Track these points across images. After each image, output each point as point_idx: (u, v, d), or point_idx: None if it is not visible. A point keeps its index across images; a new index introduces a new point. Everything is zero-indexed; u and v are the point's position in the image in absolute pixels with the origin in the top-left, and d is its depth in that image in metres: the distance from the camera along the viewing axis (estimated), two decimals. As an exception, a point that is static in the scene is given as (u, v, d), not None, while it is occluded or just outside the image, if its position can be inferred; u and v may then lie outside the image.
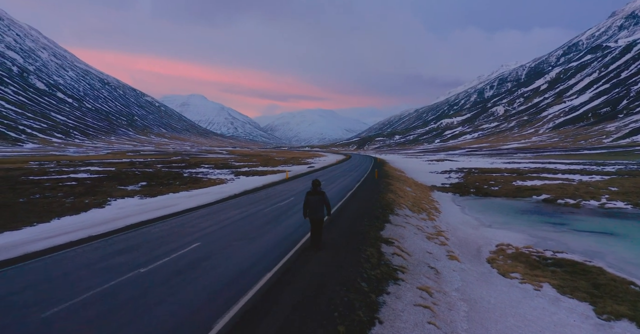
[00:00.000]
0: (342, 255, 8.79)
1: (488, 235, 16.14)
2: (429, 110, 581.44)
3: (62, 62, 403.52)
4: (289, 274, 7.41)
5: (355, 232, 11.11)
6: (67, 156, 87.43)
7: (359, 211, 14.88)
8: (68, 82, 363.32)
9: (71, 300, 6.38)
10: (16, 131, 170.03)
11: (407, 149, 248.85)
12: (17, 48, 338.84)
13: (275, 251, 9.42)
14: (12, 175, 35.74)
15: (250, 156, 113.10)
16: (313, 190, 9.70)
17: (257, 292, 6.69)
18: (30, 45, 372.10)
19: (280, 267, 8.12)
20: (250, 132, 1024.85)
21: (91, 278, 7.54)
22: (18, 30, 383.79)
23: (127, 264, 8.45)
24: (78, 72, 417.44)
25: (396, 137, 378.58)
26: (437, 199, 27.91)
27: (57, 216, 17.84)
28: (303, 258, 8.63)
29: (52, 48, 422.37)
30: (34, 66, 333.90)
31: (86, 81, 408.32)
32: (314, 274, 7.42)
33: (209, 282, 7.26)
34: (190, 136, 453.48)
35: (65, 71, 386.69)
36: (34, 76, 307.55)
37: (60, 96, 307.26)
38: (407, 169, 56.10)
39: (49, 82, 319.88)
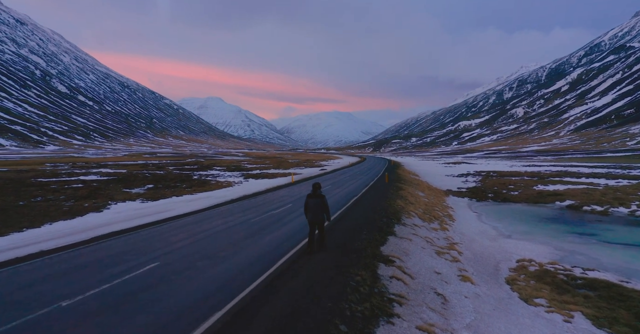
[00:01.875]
0: (324, 282, 7.17)
1: (508, 248, 14.46)
2: (447, 112, 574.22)
3: (83, 66, 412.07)
4: (245, 316, 5.69)
5: (349, 250, 9.50)
6: (84, 157, 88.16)
7: (360, 221, 13.39)
8: (89, 85, 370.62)
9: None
10: (38, 133, 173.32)
11: (423, 152, 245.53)
12: (40, 52, 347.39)
13: (242, 277, 7.76)
14: (23, 177, 35.45)
15: (265, 158, 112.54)
16: (313, 193, 9.72)
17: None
18: (52, 49, 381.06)
19: (239, 302, 6.44)
20: (266, 135, 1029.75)
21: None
22: (41, 35, 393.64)
23: (51, 294, 6.92)
24: (99, 75, 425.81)
25: (413, 139, 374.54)
26: (452, 205, 26.17)
27: (50, 221, 17.20)
28: (272, 288, 6.93)
29: (73, 52, 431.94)
30: (56, 70, 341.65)
31: (106, 84, 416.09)
32: (279, 313, 5.75)
33: (142, 323, 5.73)
34: (207, 138, 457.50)
35: (86, 74, 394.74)
36: (56, 79, 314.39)
37: (81, 99, 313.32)
38: (422, 172, 54.25)
39: (71, 86, 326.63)
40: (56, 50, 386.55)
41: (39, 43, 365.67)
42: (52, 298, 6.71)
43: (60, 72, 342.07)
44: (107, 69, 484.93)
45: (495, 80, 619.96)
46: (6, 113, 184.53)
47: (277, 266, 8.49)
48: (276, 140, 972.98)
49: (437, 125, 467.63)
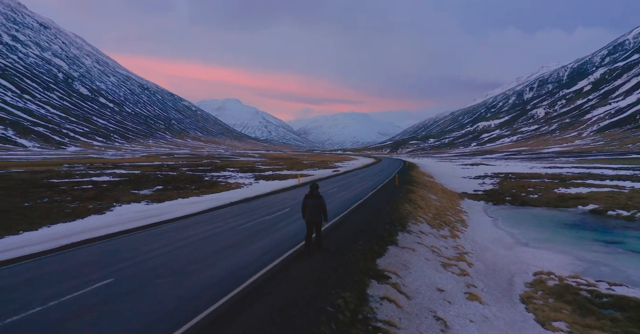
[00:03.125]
0: (296, 307, 5.98)
1: (524, 258, 13.19)
2: (465, 113, 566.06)
3: (104, 69, 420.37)
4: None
5: (338, 264, 8.31)
6: (102, 158, 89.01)
7: (359, 228, 12.32)
8: (110, 87, 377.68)
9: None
10: (60, 135, 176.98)
11: (441, 153, 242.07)
12: (62, 55, 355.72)
13: (200, 300, 6.56)
14: (36, 178, 35.53)
15: (280, 159, 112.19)
16: (310, 193, 9.64)
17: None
18: (75, 52, 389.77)
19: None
20: (283, 136, 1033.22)
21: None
22: (64, 38, 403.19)
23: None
24: (119, 77, 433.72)
25: (430, 140, 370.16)
26: (466, 208, 24.85)
27: (50, 223, 16.89)
28: (228, 317, 5.70)
29: (95, 55, 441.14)
30: (78, 72, 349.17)
31: (127, 86, 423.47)
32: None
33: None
34: (225, 140, 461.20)
35: (107, 77, 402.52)
36: (78, 82, 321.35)
37: (102, 101, 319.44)
38: (438, 174, 52.75)
39: (92, 88, 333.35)
40: (78, 54, 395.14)
41: (61, 46, 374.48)
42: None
43: (82, 75, 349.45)
44: (128, 72, 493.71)
45: (515, 81, 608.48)
46: (29, 115, 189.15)
47: (248, 283, 7.36)
48: (293, 141, 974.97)
49: (456, 126, 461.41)
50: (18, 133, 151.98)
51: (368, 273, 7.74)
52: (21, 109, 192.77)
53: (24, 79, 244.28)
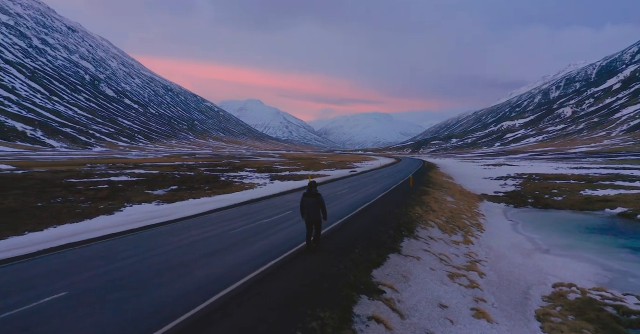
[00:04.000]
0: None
1: (543, 267, 12.11)
2: (489, 112, 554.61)
3: (129, 70, 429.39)
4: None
5: (326, 276, 7.47)
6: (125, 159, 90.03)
7: (360, 234, 11.42)
8: (134, 89, 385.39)
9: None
10: (86, 135, 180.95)
11: (464, 153, 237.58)
12: (89, 58, 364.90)
13: (149, 321, 5.80)
14: (56, 177, 35.80)
15: (299, 159, 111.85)
16: (309, 192, 9.58)
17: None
18: (101, 55, 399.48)
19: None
20: (304, 136, 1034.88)
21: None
22: (91, 41, 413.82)
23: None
24: (144, 79, 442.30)
25: (453, 140, 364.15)
26: (485, 211, 23.63)
27: (57, 224, 16.73)
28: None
29: (120, 57, 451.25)
30: (104, 74, 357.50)
31: (151, 88, 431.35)
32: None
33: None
34: (246, 140, 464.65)
35: (132, 79, 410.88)
36: (104, 84, 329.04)
37: (127, 102, 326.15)
38: (457, 175, 51.16)
39: (117, 89, 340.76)
40: (104, 56, 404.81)
41: (88, 49, 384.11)
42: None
43: (108, 77, 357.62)
44: (152, 73, 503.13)
45: (540, 79, 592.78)
46: (57, 116, 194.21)
47: (213, 301, 6.48)
48: (314, 141, 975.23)
49: (479, 125, 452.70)
50: (46, 134, 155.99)
51: (358, 286, 6.91)
52: (50, 110, 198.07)
53: (53, 81, 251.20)
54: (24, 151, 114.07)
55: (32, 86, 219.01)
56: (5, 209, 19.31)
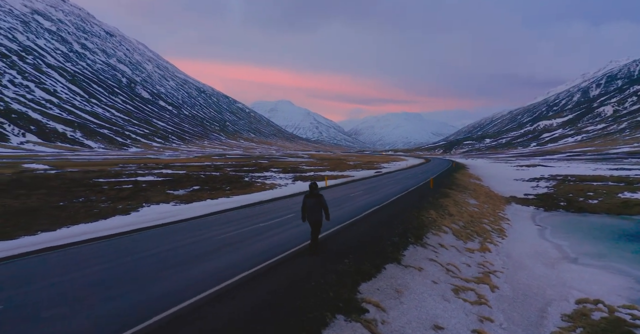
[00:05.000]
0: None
1: (568, 279, 10.89)
2: (525, 111, 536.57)
3: (164, 73, 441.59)
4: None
5: (299, 292, 6.58)
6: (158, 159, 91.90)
7: (358, 241, 10.50)
8: (169, 91, 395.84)
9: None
10: (123, 136, 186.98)
11: (498, 153, 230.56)
12: (126, 61, 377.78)
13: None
14: (85, 177, 36.64)
15: (327, 159, 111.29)
16: (310, 193, 9.43)
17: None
18: (137, 58, 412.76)
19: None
20: (334, 137, 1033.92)
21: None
22: (128, 45, 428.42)
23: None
24: (178, 81, 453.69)
25: (487, 140, 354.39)
26: (510, 215, 22.18)
27: (72, 224, 16.87)
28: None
29: (156, 60, 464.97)
30: (140, 77, 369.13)
31: (184, 90, 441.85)
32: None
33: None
34: (276, 141, 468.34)
35: (166, 81, 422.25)
36: (140, 86, 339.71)
37: (161, 104, 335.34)
38: (487, 176, 49.10)
39: (153, 92, 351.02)
40: (140, 59, 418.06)
41: (125, 53, 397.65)
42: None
43: (143, 80, 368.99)
44: (185, 76, 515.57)
45: (580, 77, 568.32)
46: (96, 118, 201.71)
47: (143, 326, 5.55)
48: (344, 142, 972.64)
49: (514, 125, 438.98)
50: (85, 135, 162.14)
51: (336, 304, 6.03)
52: (88, 112, 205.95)
53: (92, 84, 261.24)
54: (64, 151, 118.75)
55: (72, 89, 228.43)
56: (26, 209, 19.65)
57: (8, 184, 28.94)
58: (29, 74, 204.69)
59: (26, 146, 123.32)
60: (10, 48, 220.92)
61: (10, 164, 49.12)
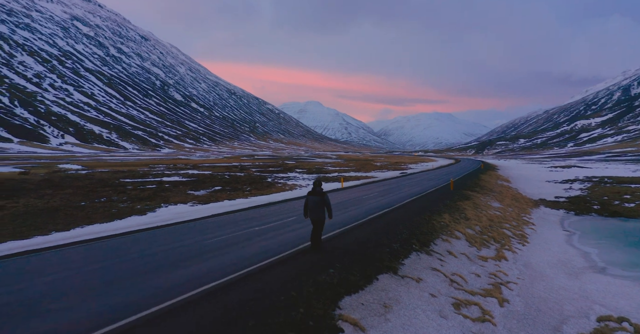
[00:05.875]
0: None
1: (592, 291, 9.83)
2: (561, 110, 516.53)
3: (196, 76, 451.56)
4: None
5: (263, 307, 5.89)
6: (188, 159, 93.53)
7: (351, 247, 9.71)
8: (200, 93, 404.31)
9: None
10: (156, 138, 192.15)
11: (533, 154, 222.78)
12: (160, 64, 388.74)
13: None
14: (113, 177, 37.40)
15: (354, 160, 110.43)
16: (313, 190, 9.41)
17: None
18: (170, 61, 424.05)
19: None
20: (363, 137, 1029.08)
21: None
22: (161, 49, 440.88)
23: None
24: (209, 83, 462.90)
25: (520, 141, 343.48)
26: (537, 219, 20.84)
27: (87, 224, 16.98)
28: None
29: (188, 63, 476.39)
30: (173, 80, 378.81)
31: (216, 92, 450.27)
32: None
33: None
34: (305, 141, 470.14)
35: (198, 83, 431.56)
36: (173, 89, 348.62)
37: (193, 106, 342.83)
38: (517, 177, 47.04)
39: (185, 94, 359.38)
40: (174, 62, 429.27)
41: (159, 56, 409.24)
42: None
43: (176, 82, 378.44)
44: (217, 78, 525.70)
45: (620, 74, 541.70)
46: (131, 120, 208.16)
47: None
48: (373, 142, 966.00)
49: (550, 125, 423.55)
50: (120, 136, 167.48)
51: (305, 323, 5.29)
52: (124, 114, 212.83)
53: (127, 87, 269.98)
54: (100, 152, 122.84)
55: (109, 92, 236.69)
56: (47, 208, 20.03)
57: (38, 184, 29.79)
58: (68, 77, 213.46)
59: (65, 147, 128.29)
60: (51, 53, 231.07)
61: (47, 165, 50.82)
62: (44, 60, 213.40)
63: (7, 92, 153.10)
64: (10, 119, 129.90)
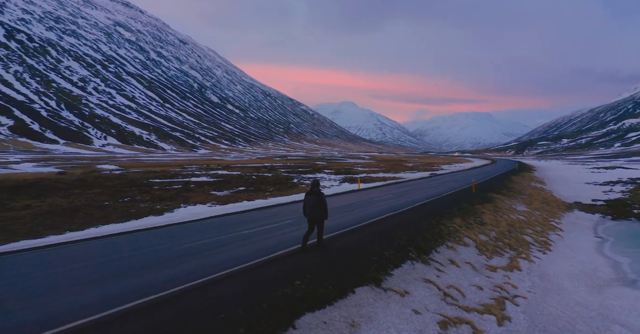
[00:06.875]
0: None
1: (615, 308, 8.61)
2: (608, 109, 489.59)
3: (232, 78, 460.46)
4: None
5: (202, 326, 5.18)
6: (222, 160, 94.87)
7: (340, 254, 9.04)
8: (236, 95, 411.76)
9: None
10: (193, 139, 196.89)
11: (576, 155, 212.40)
12: (197, 67, 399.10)
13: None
14: (143, 177, 38.14)
15: (386, 161, 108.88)
16: (311, 191, 9.58)
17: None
18: (208, 64, 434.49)
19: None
20: (398, 138, 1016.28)
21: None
22: (199, 52, 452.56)
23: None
24: (245, 85, 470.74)
25: (563, 141, 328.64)
26: (567, 224, 19.27)
27: (103, 224, 17.30)
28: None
29: (224, 66, 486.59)
30: (210, 82, 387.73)
31: (251, 94, 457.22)
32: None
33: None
34: (339, 142, 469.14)
35: (234, 85, 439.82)
36: (209, 91, 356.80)
37: (229, 108, 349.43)
38: (554, 179, 44.49)
39: (221, 96, 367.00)
40: (211, 65, 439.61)
41: (197, 59, 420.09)
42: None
43: (213, 85, 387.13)
44: (252, 80, 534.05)
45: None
46: (169, 121, 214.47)
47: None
48: (408, 143, 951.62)
49: (595, 124, 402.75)
50: (159, 138, 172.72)
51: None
52: (163, 116, 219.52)
53: (166, 90, 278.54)
54: (139, 153, 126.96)
55: (149, 95, 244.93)
56: (70, 208, 20.46)
57: (71, 183, 30.72)
58: (110, 81, 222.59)
59: (107, 148, 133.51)
60: (95, 58, 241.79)
61: (86, 165, 52.64)
62: (89, 65, 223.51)
63: (55, 96, 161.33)
64: (57, 122, 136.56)
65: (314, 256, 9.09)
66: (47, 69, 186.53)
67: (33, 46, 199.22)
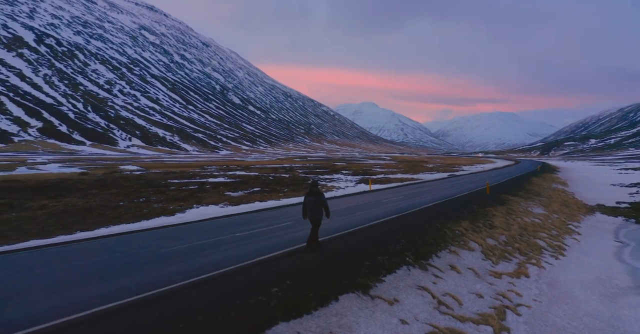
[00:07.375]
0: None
1: (627, 320, 7.99)
2: (638, 108, 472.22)
3: (253, 79, 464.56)
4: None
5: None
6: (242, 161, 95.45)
7: (331, 259, 8.67)
8: (257, 96, 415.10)
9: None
10: (215, 140, 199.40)
11: (605, 155, 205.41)
12: (220, 69, 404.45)
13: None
14: (161, 178, 38.67)
15: (407, 162, 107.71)
16: (310, 191, 9.55)
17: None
18: (230, 66, 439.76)
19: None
20: (420, 138, 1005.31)
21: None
22: (221, 54, 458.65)
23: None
24: (266, 87, 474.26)
25: (591, 141, 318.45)
26: (586, 228, 18.39)
27: (115, 224, 17.57)
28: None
29: (246, 67, 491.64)
30: (232, 84, 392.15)
31: (272, 95, 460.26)
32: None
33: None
34: (360, 143, 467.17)
35: (256, 87, 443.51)
36: (231, 93, 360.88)
37: (251, 109, 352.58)
38: (578, 180, 42.92)
39: (243, 97, 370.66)
40: (233, 67, 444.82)
41: (219, 61, 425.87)
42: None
43: (235, 86, 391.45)
44: (273, 81, 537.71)
45: None
46: (192, 123, 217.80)
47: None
48: (430, 144, 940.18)
49: (625, 124, 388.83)
50: (182, 139, 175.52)
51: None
52: (185, 117, 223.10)
53: (189, 91, 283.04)
54: (162, 154, 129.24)
55: (172, 97, 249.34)
56: (85, 208, 20.81)
57: (91, 184, 31.36)
58: (135, 84, 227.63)
59: (131, 149, 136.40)
60: (121, 61, 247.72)
61: (109, 166, 53.76)
62: (114, 68, 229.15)
63: (82, 99, 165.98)
64: (83, 123, 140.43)
65: (301, 259, 8.75)
66: (74, 72, 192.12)
67: (62, 50, 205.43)
